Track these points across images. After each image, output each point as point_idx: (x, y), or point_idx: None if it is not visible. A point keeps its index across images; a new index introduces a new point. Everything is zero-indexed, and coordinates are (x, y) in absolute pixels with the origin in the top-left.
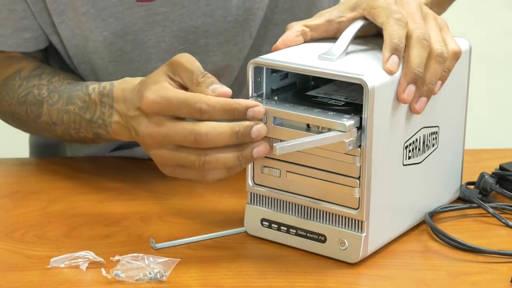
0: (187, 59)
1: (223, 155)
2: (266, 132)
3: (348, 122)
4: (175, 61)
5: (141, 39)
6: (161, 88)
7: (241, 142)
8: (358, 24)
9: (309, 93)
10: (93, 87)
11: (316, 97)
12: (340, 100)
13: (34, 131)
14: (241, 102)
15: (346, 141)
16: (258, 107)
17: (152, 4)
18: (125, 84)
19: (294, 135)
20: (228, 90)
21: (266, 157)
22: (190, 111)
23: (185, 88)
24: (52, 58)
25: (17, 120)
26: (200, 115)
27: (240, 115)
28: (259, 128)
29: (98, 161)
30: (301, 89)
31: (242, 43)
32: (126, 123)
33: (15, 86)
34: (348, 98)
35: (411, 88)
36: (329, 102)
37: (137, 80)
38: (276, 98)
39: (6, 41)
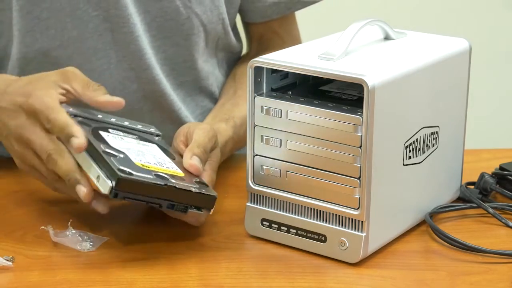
0: (80, 72)
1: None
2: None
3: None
4: (68, 71)
5: (57, 7)
6: (51, 98)
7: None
8: (358, 24)
9: (322, 88)
10: None
11: (330, 92)
12: (353, 95)
13: None
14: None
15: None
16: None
17: None
18: None
19: (308, 129)
20: (120, 100)
21: (266, 157)
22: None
23: (71, 95)
24: None
25: None
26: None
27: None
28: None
29: None
30: (314, 84)
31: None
32: None
33: None
34: (361, 93)
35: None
36: (343, 97)
37: (11, 77)
38: (290, 93)
39: None
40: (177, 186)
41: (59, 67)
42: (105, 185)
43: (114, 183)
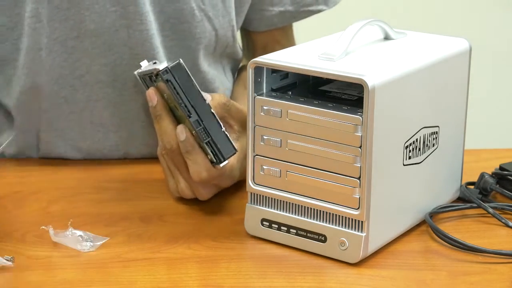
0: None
1: None
2: None
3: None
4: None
5: None
6: None
7: None
8: (358, 24)
9: (322, 88)
10: None
11: (330, 92)
12: (353, 95)
13: None
14: None
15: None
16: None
17: None
18: None
19: (308, 129)
20: None
21: (266, 157)
22: None
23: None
24: None
25: None
26: None
27: None
28: None
29: (97, 161)
30: (314, 84)
31: None
32: None
33: None
34: (361, 93)
35: None
36: (342, 97)
37: None
38: (290, 93)
39: None
40: (213, 111)
41: (75, 57)
42: (163, 64)
43: (172, 64)
